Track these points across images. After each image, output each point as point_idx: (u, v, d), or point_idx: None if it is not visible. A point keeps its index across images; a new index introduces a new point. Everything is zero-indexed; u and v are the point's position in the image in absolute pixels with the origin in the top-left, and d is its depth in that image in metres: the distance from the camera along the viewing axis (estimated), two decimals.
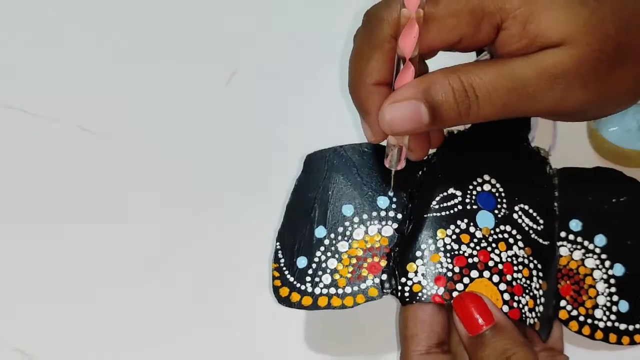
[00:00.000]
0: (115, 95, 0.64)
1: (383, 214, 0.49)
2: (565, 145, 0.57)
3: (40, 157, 0.61)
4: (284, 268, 0.48)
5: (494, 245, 0.47)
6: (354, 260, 0.48)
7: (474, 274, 0.46)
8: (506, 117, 0.43)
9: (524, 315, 0.45)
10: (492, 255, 0.46)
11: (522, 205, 0.48)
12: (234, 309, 0.55)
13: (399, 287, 0.46)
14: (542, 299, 0.47)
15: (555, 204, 0.50)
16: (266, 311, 0.53)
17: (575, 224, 0.50)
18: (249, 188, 0.59)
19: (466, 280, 0.45)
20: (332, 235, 0.49)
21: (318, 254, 0.48)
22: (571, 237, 0.50)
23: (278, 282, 0.48)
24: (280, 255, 0.49)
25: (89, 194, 0.59)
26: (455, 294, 0.45)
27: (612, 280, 0.50)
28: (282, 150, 0.58)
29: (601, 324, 0.49)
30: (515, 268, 0.46)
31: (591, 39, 0.40)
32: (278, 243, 0.49)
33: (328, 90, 0.62)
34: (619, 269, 0.50)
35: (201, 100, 0.63)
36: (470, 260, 0.46)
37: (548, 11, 0.40)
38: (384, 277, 0.47)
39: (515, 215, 0.48)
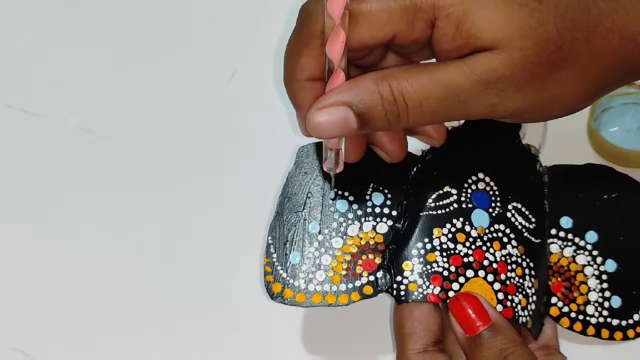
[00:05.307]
0: (115, 95, 0.64)
1: (378, 210, 0.49)
2: (565, 145, 0.57)
3: (40, 157, 0.61)
4: (277, 263, 0.48)
5: (488, 244, 0.47)
6: (348, 257, 0.48)
7: (470, 273, 0.46)
8: (437, 122, 0.44)
9: (516, 314, 0.45)
10: (486, 254, 0.46)
11: (515, 204, 0.48)
12: (226, 305, 0.55)
13: (394, 286, 0.46)
14: (534, 297, 0.47)
15: (546, 202, 0.50)
16: (258, 308, 0.53)
17: (566, 221, 0.50)
18: (249, 188, 0.59)
19: (462, 279, 0.45)
20: (326, 231, 0.48)
21: (312, 249, 0.48)
22: (562, 234, 0.50)
23: (270, 278, 0.48)
24: (272, 250, 0.48)
25: (88, 194, 0.60)
26: (451, 293, 0.45)
27: (604, 277, 0.50)
28: (282, 150, 0.58)
29: (593, 320, 0.49)
30: (509, 267, 0.46)
31: (527, 42, 0.39)
32: (270, 237, 0.49)
33: None
34: (610, 265, 0.50)
35: (201, 100, 0.63)
36: (465, 260, 0.46)
37: (483, 11, 0.39)
38: (379, 274, 0.47)
39: (508, 214, 0.48)
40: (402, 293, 0.46)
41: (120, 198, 0.59)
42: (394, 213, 0.49)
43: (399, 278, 0.46)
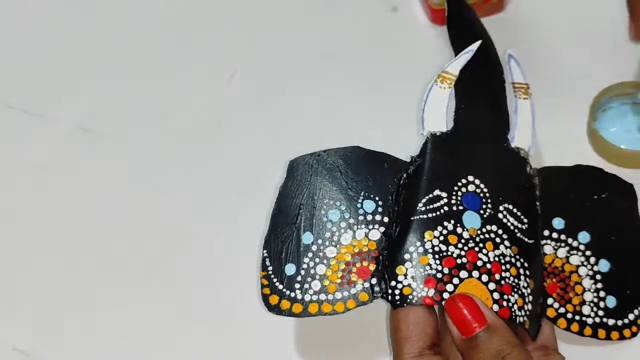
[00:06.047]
0: (115, 95, 0.64)
1: (370, 217, 0.49)
2: (565, 145, 0.57)
3: (40, 157, 0.62)
4: (272, 276, 0.48)
5: (481, 245, 0.46)
6: (342, 265, 0.48)
7: (463, 274, 0.46)
8: None
9: (513, 314, 0.45)
10: (480, 255, 0.46)
11: (506, 205, 0.48)
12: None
13: (389, 291, 0.46)
14: (530, 297, 0.47)
15: (537, 203, 0.50)
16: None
17: (558, 222, 0.50)
18: (249, 189, 0.59)
19: (456, 280, 0.45)
20: (320, 241, 0.49)
21: (306, 260, 0.48)
22: (555, 235, 0.50)
23: (267, 290, 0.48)
24: (267, 263, 0.48)
25: (89, 194, 0.60)
26: (445, 295, 0.45)
27: (598, 277, 0.49)
28: (283, 151, 0.58)
29: (589, 320, 0.49)
30: (503, 267, 0.46)
31: None
32: (265, 251, 0.49)
33: (329, 90, 0.62)
34: (604, 265, 0.50)
35: (201, 100, 0.63)
36: (458, 261, 0.46)
37: None
38: (374, 281, 0.47)
39: (500, 215, 0.48)
40: (397, 297, 0.46)
41: (120, 198, 0.59)
42: (386, 219, 0.49)
43: (393, 283, 0.46)
